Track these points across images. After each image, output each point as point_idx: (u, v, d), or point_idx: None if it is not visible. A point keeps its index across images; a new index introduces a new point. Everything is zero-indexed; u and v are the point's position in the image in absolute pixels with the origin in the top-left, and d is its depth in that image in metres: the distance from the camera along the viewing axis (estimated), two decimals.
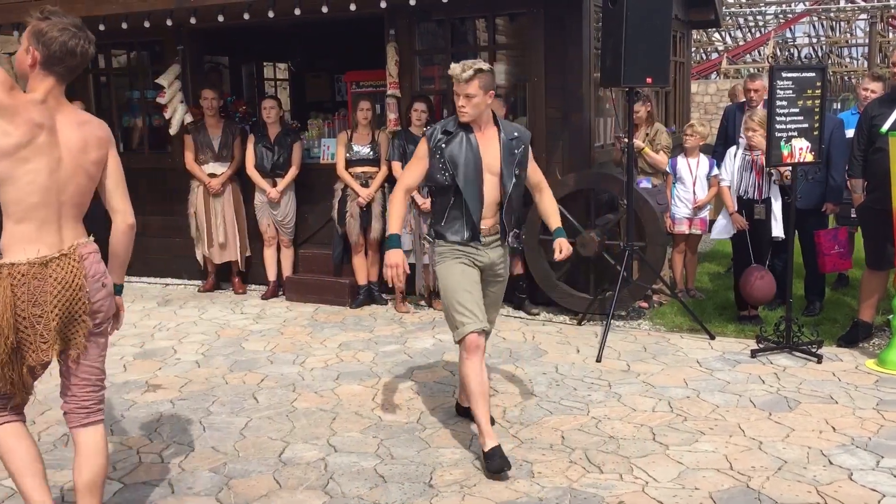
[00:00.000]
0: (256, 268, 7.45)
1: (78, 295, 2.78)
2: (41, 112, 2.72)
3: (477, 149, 3.77)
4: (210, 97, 7.08)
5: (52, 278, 2.73)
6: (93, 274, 2.83)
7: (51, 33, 2.73)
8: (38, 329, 2.74)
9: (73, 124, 2.80)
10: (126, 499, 3.45)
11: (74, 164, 2.79)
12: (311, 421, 4.30)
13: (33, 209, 2.72)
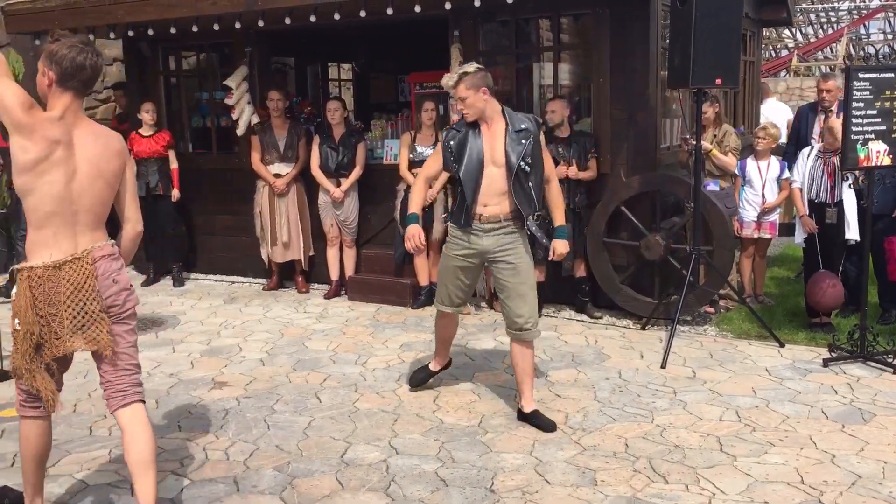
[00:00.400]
0: (319, 267, 7.53)
1: (91, 296, 2.97)
2: (59, 128, 2.93)
3: (481, 143, 4.16)
4: (276, 98, 7.19)
5: (65, 280, 2.94)
6: (102, 272, 3.01)
7: (60, 52, 2.95)
8: (53, 326, 2.95)
9: (90, 137, 3.01)
10: (193, 495, 3.52)
11: (92, 175, 2.99)
12: (373, 422, 4.33)
13: (49, 217, 2.94)
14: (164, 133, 7.71)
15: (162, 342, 5.90)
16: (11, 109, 2.86)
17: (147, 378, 5.08)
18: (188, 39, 7.59)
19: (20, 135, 2.87)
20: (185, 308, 6.93)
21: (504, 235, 4.17)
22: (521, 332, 4.20)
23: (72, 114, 2.98)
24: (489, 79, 4.22)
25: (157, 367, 5.29)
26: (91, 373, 5.18)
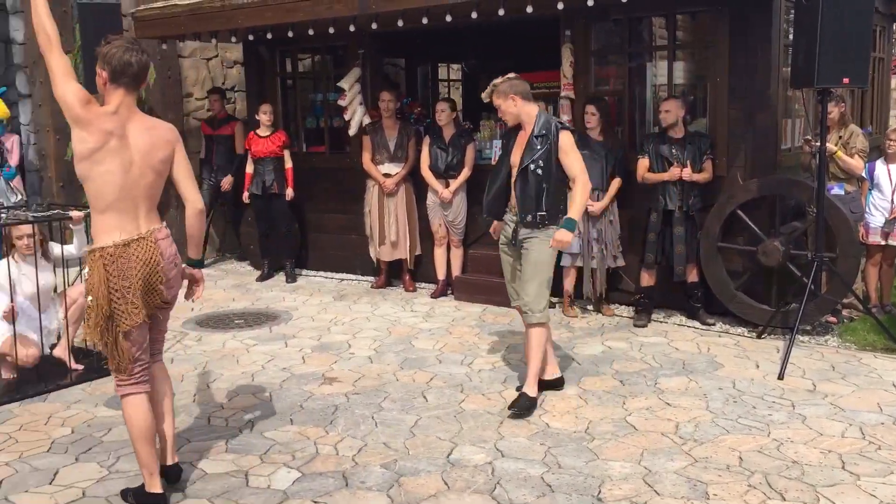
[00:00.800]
0: (426, 266, 7.60)
1: (156, 269, 3.33)
2: (113, 121, 3.25)
3: (512, 145, 4.62)
4: (387, 99, 7.30)
5: (134, 257, 3.27)
6: (167, 255, 3.39)
7: (110, 52, 3.27)
8: (129, 298, 3.27)
9: (142, 130, 3.33)
10: (304, 487, 3.61)
11: (144, 165, 3.31)
12: (479, 423, 4.33)
13: (113, 202, 3.26)
14: (280, 133, 7.95)
15: (275, 336, 6.08)
16: (72, 106, 3.19)
17: (261, 371, 5.26)
18: (304, 42, 7.80)
19: (79, 127, 3.20)
20: (296, 304, 7.12)
21: (525, 227, 4.55)
22: (523, 314, 4.64)
23: (125, 108, 3.30)
24: (519, 86, 4.55)
25: (270, 361, 5.46)
26: (210, 364, 5.41)
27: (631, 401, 4.61)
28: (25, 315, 5.05)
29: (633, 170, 6.18)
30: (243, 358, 5.56)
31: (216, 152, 8.46)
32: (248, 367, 5.34)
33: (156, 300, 3.38)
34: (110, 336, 3.30)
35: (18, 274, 5.00)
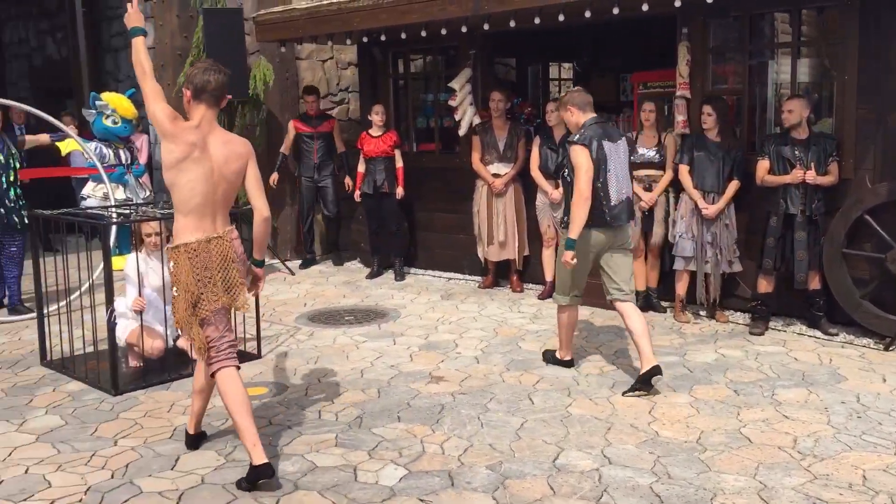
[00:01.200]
0: (534, 267, 7.56)
1: (231, 265, 3.74)
2: (195, 134, 3.66)
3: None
4: (497, 99, 7.30)
5: (214, 252, 3.70)
6: (240, 253, 3.80)
7: (193, 73, 3.75)
8: (210, 286, 3.69)
9: (219, 143, 3.73)
10: (410, 485, 3.65)
11: (221, 174, 3.71)
12: (586, 428, 4.27)
13: (196, 207, 3.68)
14: (391, 133, 8.07)
15: (384, 334, 6.18)
16: (161, 122, 3.64)
17: (370, 368, 5.35)
18: (417, 43, 7.88)
19: (167, 140, 3.64)
20: (404, 302, 7.22)
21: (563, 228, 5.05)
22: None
23: (206, 122, 3.72)
24: (576, 98, 5.00)
25: (379, 358, 5.55)
26: (320, 359, 5.55)
27: (746, 412, 4.45)
28: (152, 307, 5.31)
29: (751, 172, 5.96)
30: (353, 354, 5.68)
31: (316, 150, 8.57)
32: (357, 364, 5.45)
33: (240, 292, 3.78)
34: (194, 320, 3.70)
35: (146, 268, 5.26)
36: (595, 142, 4.79)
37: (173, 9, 9.08)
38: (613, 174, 4.84)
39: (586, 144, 4.76)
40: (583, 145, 4.76)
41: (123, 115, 8.59)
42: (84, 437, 4.26)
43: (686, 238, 6.17)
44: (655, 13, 6.05)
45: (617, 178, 4.86)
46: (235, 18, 8.30)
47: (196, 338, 3.73)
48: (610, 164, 4.82)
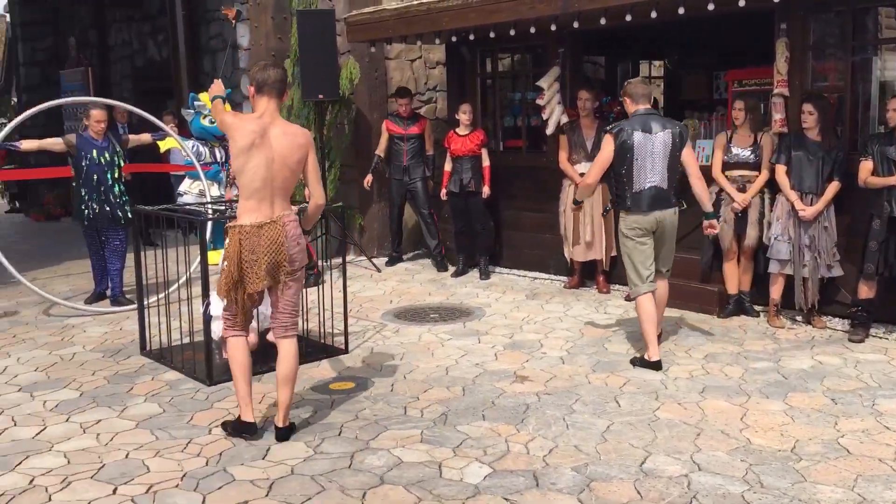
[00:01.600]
0: (621, 268, 7.42)
1: (280, 248, 4.04)
2: (257, 123, 4.05)
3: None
4: (585, 98, 7.22)
5: (264, 236, 4.01)
6: (291, 236, 4.09)
7: (253, 71, 4.17)
8: (254, 268, 4.03)
9: (280, 134, 4.07)
10: (495, 484, 3.65)
11: (281, 163, 4.04)
12: (674, 433, 4.19)
13: (256, 191, 4.04)
14: (478, 132, 8.09)
15: (469, 332, 6.20)
16: (224, 118, 4.13)
17: (455, 366, 5.38)
18: (505, 42, 7.87)
19: (231, 132, 4.04)
20: (489, 300, 7.22)
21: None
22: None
23: (268, 114, 4.09)
24: (629, 88, 5.37)
25: (464, 356, 5.57)
26: (406, 356, 5.61)
27: (844, 421, 4.28)
28: None
29: (853, 172, 5.73)
30: (438, 351, 5.72)
31: (406, 152, 8.61)
32: (442, 361, 5.48)
33: (280, 273, 4.08)
34: (237, 294, 4.11)
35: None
36: (625, 132, 5.15)
37: (268, 11, 9.33)
38: (639, 163, 5.14)
39: (614, 134, 5.20)
40: (611, 134, 5.22)
41: None
42: (180, 424, 4.43)
43: (782, 240, 5.97)
44: (752, 8, 5.88)
45: (643, 167, 5.15)
46: (328, 19, 8.46)
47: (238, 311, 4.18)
48: (636, 153, 5.13)
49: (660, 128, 5.17)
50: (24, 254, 10.32)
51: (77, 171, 7.18)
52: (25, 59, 15.55)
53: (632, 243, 5.28)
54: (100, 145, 7.12)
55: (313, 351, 5.67)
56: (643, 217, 5.21)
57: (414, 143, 8.57)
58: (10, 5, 16.29)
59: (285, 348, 4.20)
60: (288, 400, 4.19)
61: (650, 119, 5.20)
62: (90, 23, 14.16)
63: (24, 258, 9.76)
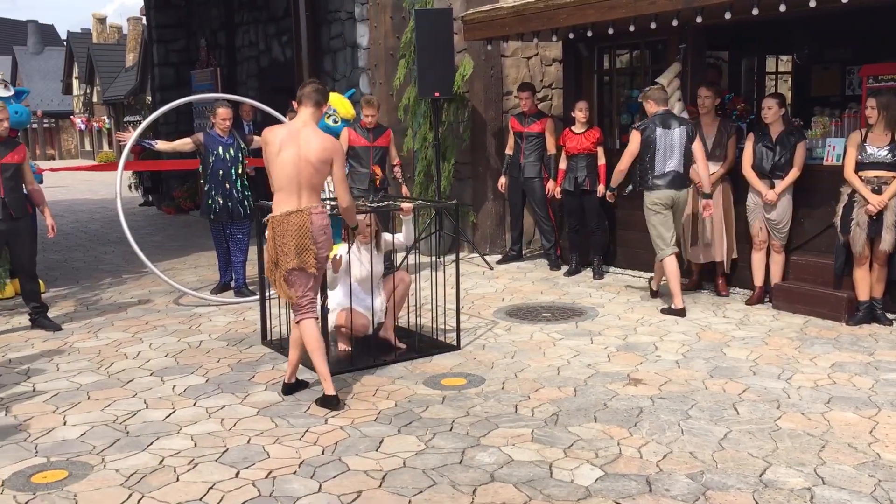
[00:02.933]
0: (742, 271, 7.20)
1: (305, 234, 4.53)
2: (288, 128, 4.68)
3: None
4: (705, 95, 7.01)
5: (292, 223, 4.53)
6: (316, 225, 4.57)
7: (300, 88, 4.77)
8: (285, 251, 4.55)
9: (311, 136, 4.58)
10: (606, 487, 3.61)
11: (306, 161, 4.54)
12: (797, 444, 4.02)
13: (284, 184, 4.57)
14: (594, 130, 7.98)
15: (581, 332, 6.14)
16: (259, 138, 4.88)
17: (566, 366, 5.34)
18: (623, 38, 7.74)
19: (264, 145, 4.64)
20: (602, 301, 7.12)
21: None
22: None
23: (301, 120, 4.66)
24: (654, 94, 6.64)
25: (576, 357, 5.52)
26: (517, 354, 5.61)
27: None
28: (356, 297, 5.57)
29: None
30: (549, 351, 5.68)
31: (524, 150, 8.57)
32: (553, 361, 5.45)
33: (308, 257, 4.55)
34: (276, 275, 4.61)
35: (355, 258, 5.54)
36: (648, 128, 6.50)
37: (387, 10, 9.50)
38: (661, 152, 6.49)
39: (640, 130, 6.53)
40: (637, 130, 6.57)
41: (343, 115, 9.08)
42: (298, 413, 4.58)
43: None
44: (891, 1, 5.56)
45: (664, 155, 6.50)
46: (445, 18, 8.54)
47: (281, 292, 4.68)
48: (658, 144, 6.48)
49: (676, 124, 6.52)
50: (155, 245, 10.93)
51: (204, 167, 7.53)
52: (160, 59, 16.41)
53: (656, 216, 6.58)
54: (225, 142, 7.45)
55: (425, 346, 5.74)
56: (663, 193, 6.53)
57: (533, 140, 8.50)
58: (146, 9, 17.23)
59: (305, 326, 4.69)
60: (295, 360, 4.84)
61: (668, 118, 6.54)
62: (219, 25, 14.82)
63: (156, 249, 10.34)
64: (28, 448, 4.15)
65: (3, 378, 5.34)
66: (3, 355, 5.90)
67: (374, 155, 7.97)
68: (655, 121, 6.49)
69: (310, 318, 4.71)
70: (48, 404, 4.81)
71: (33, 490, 3.68)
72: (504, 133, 9.09)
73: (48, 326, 6.58)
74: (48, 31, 54.85)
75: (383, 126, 8.27)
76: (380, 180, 7.99)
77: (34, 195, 6.66)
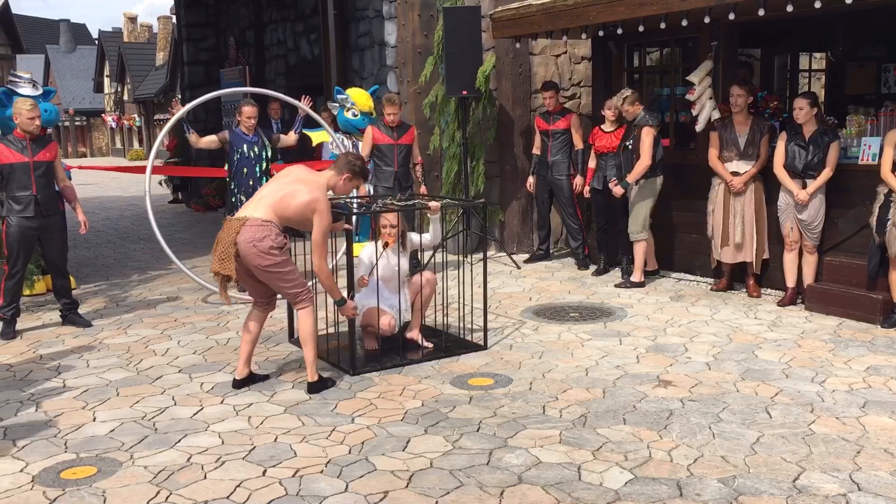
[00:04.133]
0: (773, 272, 7.10)
1: (230, 244, 4.65)
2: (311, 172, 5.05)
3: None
4: (737, 94, 6.89)
5: (229, 229, 4.71)
6: (244, 237, 4.63)
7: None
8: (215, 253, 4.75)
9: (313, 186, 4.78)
10: (636, 490, 3.56)
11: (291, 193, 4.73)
12: (831, 449, 3.94)
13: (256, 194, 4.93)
14: (623, 129, 7.90)
15: (609, 333, 6.08)
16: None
17: (595, 366, 5.29)
18: (654, 36, 7.65)
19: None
20: (631, 301, 7.05)
21: None
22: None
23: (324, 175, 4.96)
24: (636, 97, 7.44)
25: (604, 357, 5.47)
26: (545, 355, 5.56)
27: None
28: (382, 297, 5.55)
29: None
30: (577, 351, 5.63)
31: (550, 148, 8.50)
32: (581, 361, 5.40)
33: (228, 266, 4.65)
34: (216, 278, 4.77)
35: (381, 257, 5.52)
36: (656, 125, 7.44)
37: (416, 8, 9.47)
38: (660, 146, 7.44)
39: (655, 126, 7.32)
40: (652, 127, 7.30)
41: (361, 108, 9.07)
42: (325, 412, 4.57)
43: None
44: None
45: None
46: (474, 16, 8.50)
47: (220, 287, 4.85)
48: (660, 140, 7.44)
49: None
50: (184, 243, 11.00)
51: (229, 164, 7.55)
52: (190, 58, 16.54)
53: (653, 201, 7.41)
54: (250, 140, 7.47)
55: (452, 346, 5.71)
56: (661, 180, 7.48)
57: (559, 138, 8.44)
58: (176, 8, 17.38)
59: (298, 316, 4.92)
60: (310, 356, 4.88)
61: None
62: (248, 24, 14.90)
63: (185, 247, 10.41)
64: (58, 444, 4.19)
65: (33, 374, 5.40)
66: (35, 351, 5.96)
67: (398, 153, 7.93)
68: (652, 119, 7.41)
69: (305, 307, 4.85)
70: (78, 400, 4.85)
71: (63, 486, 3.70)
72: (532, 132, 9.04)
73: (79, 323, 6.64)
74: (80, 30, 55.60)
75: (407, 124, 8.23)
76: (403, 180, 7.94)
77: (66, 192, 6.72)
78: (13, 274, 6.38)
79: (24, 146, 6.31)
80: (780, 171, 6.62)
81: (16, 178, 6.28)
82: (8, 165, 6.25)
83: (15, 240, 6.35)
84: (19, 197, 6.30)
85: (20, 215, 6.31)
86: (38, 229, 6.45)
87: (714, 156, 7.08)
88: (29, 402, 4.82)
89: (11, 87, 7.75)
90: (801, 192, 6.47)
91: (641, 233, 7.43)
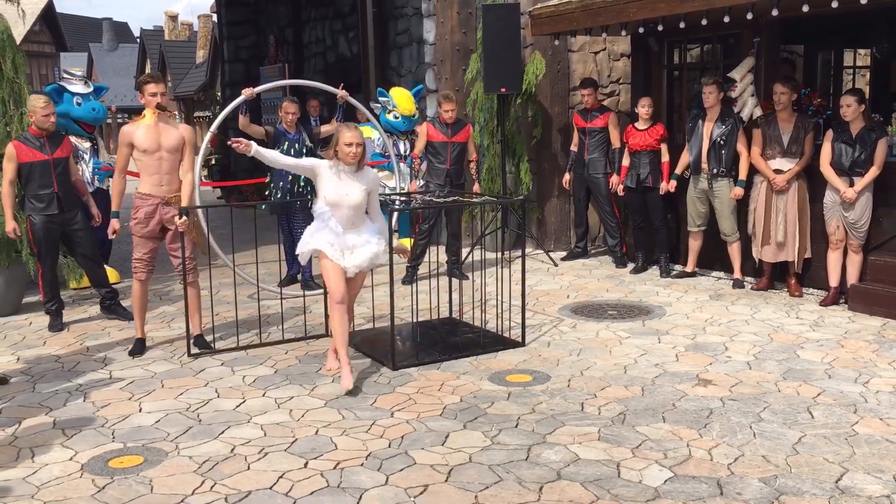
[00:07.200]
0: (815, 271, 7.00)
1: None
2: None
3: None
4: (780, 91, 6.81)
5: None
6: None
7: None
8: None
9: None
10: (676, 489, 3.55)
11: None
12: (875, 450, 3.89)
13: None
14: (658, 127, 7.85)
15: (648, 331, 6.05)
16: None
17: (633, 364, 5.27)
18: (694, 32, 7.59)
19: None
20: (670, 300, 7.01)
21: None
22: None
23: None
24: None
25: (642, 356, 5.45)
26: (583, 352, 5.56)
27: None
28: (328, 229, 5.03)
29: None
30: (616, 349, 5.62)
31: (588, 146, 8.45)
32: (620, 359, 5.39)
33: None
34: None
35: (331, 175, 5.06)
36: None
37: (454, 6, 9.49)
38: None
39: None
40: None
41: (402, 111, 9.12)
42: (365, 406, 4.62)
43: None
44: None
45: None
46: (512, 13, 8.50)
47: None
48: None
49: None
50: (224, 238, 11.13)
51: None
52: (230, 56, 16.73)
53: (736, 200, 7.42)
54: (291, 137, 7.55)
55: (490, 342, 5.73)
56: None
57: (597, 135, 8.40)
58: (217, 7, 17.59)
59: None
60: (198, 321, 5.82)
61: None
62: (287, 22, 15.04)
63: (225, 242, 10.52)
64: (105, 434, 4.29)
65: (81, 365, 5.53)
66: (82, 343, 6.10)
67: (451, 150, 7.91)
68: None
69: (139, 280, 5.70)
70: (124, 391, 4.96)
71: (111, 474, 3.79)
72: (570, 129, 9.01)
73: (122, 315, 6.78)
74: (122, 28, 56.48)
75: (463, 121, 8.18)
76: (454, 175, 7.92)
77: (78, 185, 6.84)
78: (46, 270, 6.54)
79: (42, 144, 6.43)
80: (827, 169, 6.53)
81: (36, 177, 6.40)
82: (28, 164, 6.37)
83: (41, 237, 6.49)
84: (41, 195, 6.43)
85: (43, 213, 6.45)
86: (63, 224, 6.58)
87: (756, 153, 7.01)
88: (77, 393, 4.94)
89: (64, 83, 7.90)
90: (848, 191, 6.37)
91: (735, 233, 7.36)
